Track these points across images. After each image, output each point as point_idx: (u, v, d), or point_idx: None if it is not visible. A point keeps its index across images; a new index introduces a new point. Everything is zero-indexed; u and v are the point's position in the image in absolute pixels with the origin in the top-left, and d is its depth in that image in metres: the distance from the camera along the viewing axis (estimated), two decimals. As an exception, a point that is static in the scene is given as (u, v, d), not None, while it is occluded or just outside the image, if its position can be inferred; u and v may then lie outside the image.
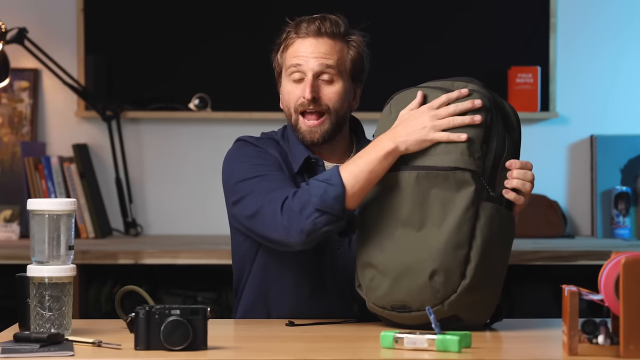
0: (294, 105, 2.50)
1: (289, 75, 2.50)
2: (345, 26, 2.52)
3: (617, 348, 1.92)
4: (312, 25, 2.49)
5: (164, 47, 4.45)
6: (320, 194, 2.28)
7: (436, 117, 2.24)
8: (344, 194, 2.28)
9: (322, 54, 2.48)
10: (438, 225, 2.22)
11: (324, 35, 2.49)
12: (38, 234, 2.19)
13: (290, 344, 2.19)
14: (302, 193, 2.31)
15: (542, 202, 4.32)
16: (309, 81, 2.47)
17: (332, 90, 2.48)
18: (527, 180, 2.26)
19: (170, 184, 4.47)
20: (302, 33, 2.49)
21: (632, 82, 4.47)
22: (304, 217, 2.29)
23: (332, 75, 2.48)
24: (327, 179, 2.29)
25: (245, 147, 2.53)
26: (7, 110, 4.42)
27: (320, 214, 2.28)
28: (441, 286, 2.20)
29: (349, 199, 2.28)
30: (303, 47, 2.49)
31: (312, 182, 2.32)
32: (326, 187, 2.28)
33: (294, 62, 2.49)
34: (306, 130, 2.49)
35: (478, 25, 4.44)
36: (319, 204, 2.28)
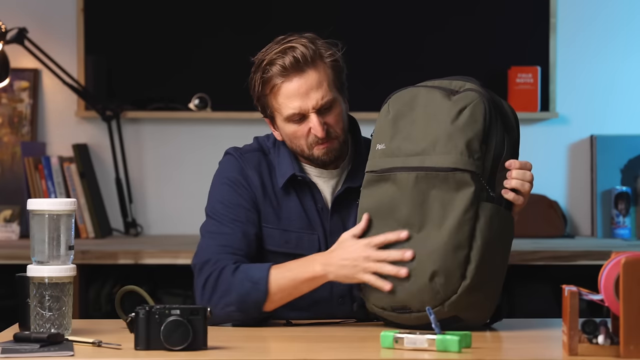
0: (305, 143, 2.44)
1: (288, 119, 2.44)
2: (313, 45, 2.43)
3: (617, 348, 1.92)
4: (287, 60, 2.40)
5: (163, 47, 4.45)
6: (243, 294, 2.33)
7: (369, 258, 2.25)
8: (264, 301, 2.32)
9: (315, 88, 2.40)
10: (438, 226, 2.22)
11: (304, 66, 2.40)
12: (38, 234, 2.19)
13: (290, 344, 2.19)
14: (225, 280, 2.35)
15: (542, 202, 4.32)
16: (315, 120, 2.41)
17: (334, 116, 2.44)
18: (526, 180, 2.26)
19: (170, 184, 4.47)
20: (283, 74, 2.41)
21: (632, 82, 4.47)
22: (220, 308, 2.34)
23: (329, 102, 2.43)
24: (255, 280, 2.32)
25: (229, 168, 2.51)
26: (7, 110, 4.42)
27: (235, 310, 2.34)
28: (441, 287, 2.20)
29: (268, 305, 2.33)
30: (293, 89, 2.41)
31: (239, 273, 2.34)
32: (250, 289, 2.32)
33: (293, 110, 2.41)
34: (322, 153, 2.44)
35: (478, 26, 4.44)
36: (237, 303, 2.33)
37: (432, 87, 2.32)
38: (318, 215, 2.47)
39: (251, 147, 2.55)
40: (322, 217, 2.47)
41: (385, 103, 2.36)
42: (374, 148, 2.34)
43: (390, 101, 2.35)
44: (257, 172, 2.49)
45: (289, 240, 2.45)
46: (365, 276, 2.26)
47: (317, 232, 2.47)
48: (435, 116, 2.26)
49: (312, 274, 2.31)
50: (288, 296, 2.34)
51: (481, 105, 2.24)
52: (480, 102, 2.25)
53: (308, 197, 2.48)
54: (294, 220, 2.46)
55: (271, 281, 2.32)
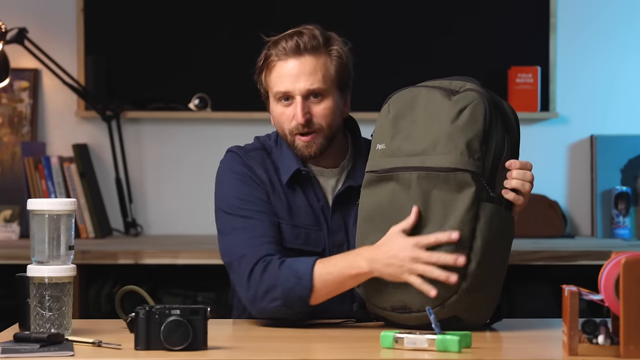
0: (287, 128, 2.46)
1: (277, 100, 2.47)
2: (323, 37, 2.46)
3: (617, 348, 1.92)
4: (289, 42, 2.43)
5: (163, 47, 4.45)
6: (288, 288, 2.31)
7: (417, 260, 2.21)
8: (309, 295, 2.30)
9: (307, 74, 2.42)
10: (439, 226, 2.22)
11: (304, 52, 2.43)
12: (38, 234, 2.19)
13: (290, 344, 2.19)
14: (271, 274, 2.33)
15: (542, 202, 4.32)
16: (299, 104, 2.43)
17: (322, 108, 2.44)
18: (526, 180, 2.26)
19: (170, 184, 4.47)
20: (281, 54, 2.44)
21: (632, 82, 4.47)
22: (267, 301, 2.33)
23: (320, 93, 2.43)
24: (299, 275, 2.30)
25: (236, 163, 2.51)
26: (7, 110, 4.42)
27: (281, 305, 2.32)
28: (441, 287, 2.20)
29: (313, 300, 2.32)
30: (286, 70, 2.43)
31: (285, 267, 2.32)
32: (295, 284, 2.30)
33: (280, 88, 2.44)
34: (303, 145, 2.45)
35: (478, 26, 4.43)
36: (283, 297, 2.31)
37: (433, 87, 2.32)
38: (321, 211, 2.48)
39: (253, 146, 2.56)
40: (325, 214, 2.48)
41: (386, 103, 2.37)
42: (374, 148, 2.34)
43: (391, 101, 2.36)
44: (263, 168, 2.50)
45: (299, 236, 2.45)
46: (410, 277, 2.21)
47: (322, 229, 2.47)
48: (436, 116, 2.26)
49: (357, 271, 2.27)
50: (334, 291, 2.31)
51: (481, 105, 2.25)
52: (480, 102, 2.25)
53: (312, 194, 2.49)
54: (302, 216, 2.47)
55: (315, 277, 2.30)
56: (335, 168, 2.51)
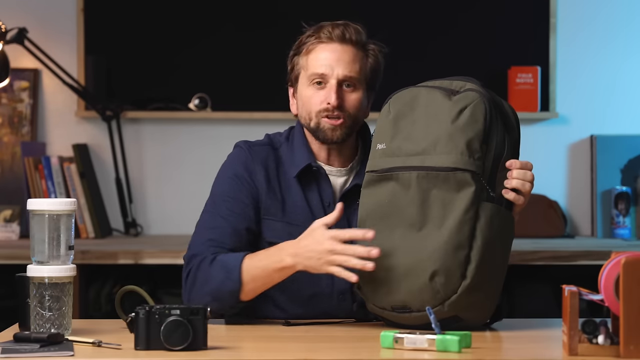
0: (315, 110, 2.47)
1: (310, 81, 2.48)
2: (365, 35, 2.52)
3: (617, 348, 1.92)
4: (336, 30, 2.48)
5: (163, 47, 4.45)
6: (217, 284, 2.35)
7: (334, 252, 2.24)
8: (238, 290, 2.34)
9: (346, 62, 2.46)
10: (438, 226, 2.22)
11: (348, 42, 2.48)
12: (38, 234, 2.19)
13: (290, 344, 2.19)
14: (203, 270, 2.38)
15: (542, 202, 4.32)
16: (333, 88, 2.45)
17: (353, 98, 2.47)
18: (527, 180, 2.26)
19: (170, 184, 4.47)
20: (325, 38, 2.48)
21: (632, 82, 4.47)
22: (199, 297, 2.37)
23: (354, 83, 2.47)
24: (228, 269, 2.35)
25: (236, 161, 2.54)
26: (7, 110, 4.42)
27: (213, 300, 2.35)
28: (442, 287, 2.20)
29: (243, 294, 2.36)
30: (326, 54, 2.47)
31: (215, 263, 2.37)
32: (224, 279, 2.35)
33: (318, 70, 2.46)
34: (329, 127, 2.46)
35: (478, 26, 4.44)
36: (213, 292, 2.36)
37: (433, 87, 2.32)
38: (324, 211, 2.47)
39: (261, 142, 2.58)
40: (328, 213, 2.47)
41: (386, 103, 2.37)
42: (375, 148, 2.34)
43: (391, 101, 2.36)
44: (264, 165, 2.51)
45: (293, 233, 2.45)
46: (330, 268, 2.25)
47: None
48: (436, 116, 2.27)
49: (281, 265, 2.32)
50: (262, 285, 2.35)
51: (481, 105, 2.25)
52: (480, 102, 2.25)
53: (315, 193, 2.49)
54: (298, 214, 2.47)
55: (244, 271, 2.34)
56: (344, 168, 2.52)
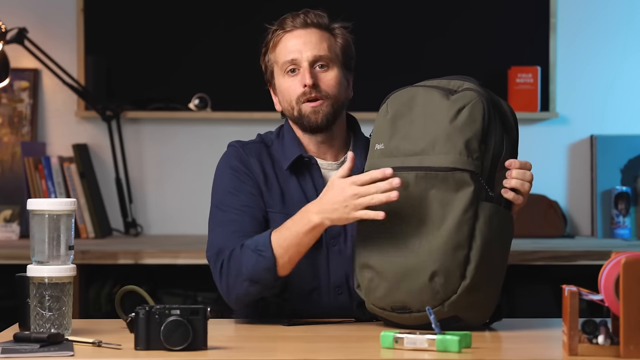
0: (294, 97, 2.50)
1: (284, 71, 2.51)
2: (327, 18, 2.55)
3: (617, 348, 1.92)
4: (297, 19, 2.52)
5: (163, 47, 4.45)
6: (252, 265, 2.34)
7: (358, 195, 2.24)
8: (275, 265, 2.33)
9: (314, 43, 2.50)
10: (437, 226, 2.21)
11: (310, 26, 2.51)
12: (38, 234, 2.19)
13: (290, 344, 2.19)
14: (235, 260, 2.37)
15: (542, 202, 4.32)
16: (306, 69, 2.48)
17: (329, 77, 2.50)
18: (526, 180, 2.26)
19: (170, 184, 4.47)
20: (288, 27, 2.52)
21: (632, 82, 4.47)
22: (238, 286, 2.37)
23: (326, 62, 2.50)
24: (259, 249, 2.34)
25: (232, 158, 2.55)
26: (7, 110, 4.42)
27: (251, 284, 2.35)
28: (441, 287, 2.20)
29: (280, 268, 2.34)
30: (293, 40, 2.51)
31: (245, 249, 2.36)
32: (257, 258, 2.34)
33: (288, 58, 2.50)
34: (310, 111, 2.48)
35: (478, 26, 4.44)
36: (250, 275, 2.35)
37: (431, 86, 2.32)
38: None
39: (253, 140, 2.60)
40: None
41: (384, 103, 2.37)
42: (373, 148, 2.34)
43: (389, 101, 2.36)
44: (258, 160, 2.53)
45: None
46: (357, 213, 2.24)
47: None
48: (434, 116, 2.26)
49: (310, 225, 2.30)
50: (296, 254, 2.33)
51: (480, 105, 2.24)
52: (478, 102, 2.24)
53: (309, 184, 2.50)
54: (296, 205, 2.47)
55: (274, 245, 2.33)
56: (335, 161, 2.53)
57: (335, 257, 2.48)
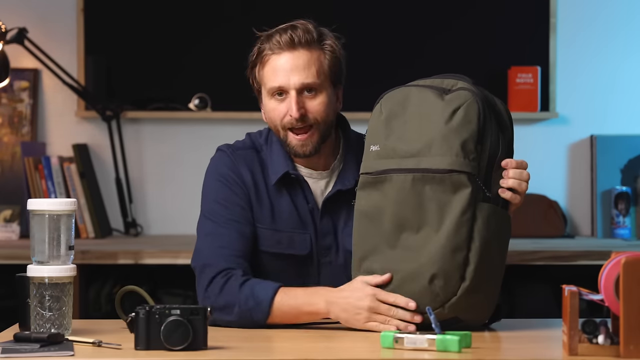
0: (280, 122, 2.44)
1: (270, 94, 2.45)
2: (317, 31, 2.45)
3: (617, 348, 1.92)
4: (283, 36, 2.42)
5: (163, 47, 4.45)
6: (245, 310, 2.32)
7: (376, 310, 2.23)
8: (265, 320, 2.32)
9: (301, 68, 2.41)
10: (436, 229, 2.21)
11: (297, 46, 2.42)
12: (38, 234, 2.19)
13: (290, 344, 2.19)
14: (230, 291, 2.34)
15: (542, 202, 4.32)
16: (293, 99, 2.41)
17: (316, 103, 2.42)
18: (523, 179, 2.25)
19: (170, 184, 4.47)
20: (275, 48, 2.42)
21: (632, 82, 4.47)
22: (222, 315, 2.34)
23: (314, 87, 2.42)
24: (259, 300, 2.31)
25: (222, 165, 2.51)
26: (7, 110, 4.42)
27: (235, 322, 2.34)
28: (441, 290, 2.19)
29: (269, 322, 2.33)
30: (280, 64, 2.42)
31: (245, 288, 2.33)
32: (253, 307, 2.32)
33: (274, 83, 2.42)
34: (297, 144, 2.44)
35: (478, 26, 4.43)
36: (238, 316, 2.33)
37: (424, 86, 2.30)
38: (310, 214, 2.47)
39: (243, 144, 2.55)
40: (314, 217, 2.47)
41: (378, 103, 2.35)
42: (368, 149, 2.33)
43: (382, 101, 2.34)
44: (249, 170, 2.49)
45: (281, 241, 2.45)
46: (367, 325, 2.24)
47: (309, 232, 2.46)
48: (429, 117, 2.25)
49: (314, 308, 2.29)
50: (288, 321, 2.33)
51: (475, 105, 2.23)
52: (473, 102, 2.23)
53: (300, 196, 2.48)
54: (286, 220, 2.46)
55: (275, 305, 2.31)
56: (325, 170, 2.50)
57: (325, 269, 2.47)
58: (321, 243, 2.45)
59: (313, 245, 2.46)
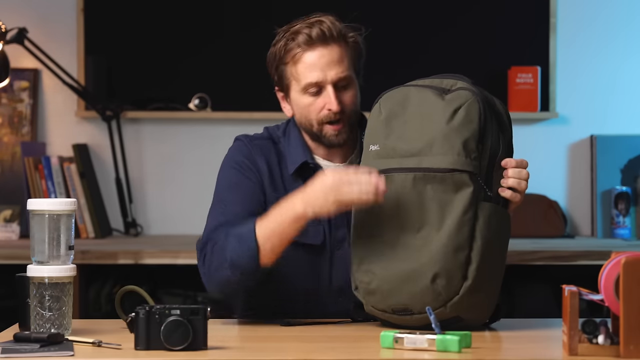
0: (316, 117, 2.46)
1: (305, 90, 2.46)
2: (341, 25, 2.49)
3: (617, 348, 1.92)
4: (314, 31, 2.44)
5: (164, 47, 4.45)
6: (234, 253, 2.32)
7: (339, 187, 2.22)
8: (256, 253, 2.31)
9: (336, 62, 2.44)
10: (437, 228, 2.21)
11: (329, 40, 2.45)
12: (38, 234, 2.19)
13: (290, 344, 2.19)
14: (219, 247, 2.35)
15: (542, 202, 4.32)
16: (332, 93, 2.44)
17: (349, 96, 2.47)
18: (522, 178, 2.26)
19: (170, 184, 4.47)
20: (307, 44, 2.45)
21: (632, 82, 4.47)
22: (220, 272, 2.34)
23: (348, 80, 2.46)
24: (242, 235, 2.32)
25: (238, 153, 2.53)
26: (7, 110, 4.42)
27: (232, 271, 2.33)
28: (443, 289, 2.19)
29: (262, 257, 2.32)
30: (315, 59, 2.44)
31: (229, 236, 2.34)
32: (240, 246, 2.32)
33: (311, 79, 2.44)
34: (333, 134, 2.47)
35: (478, 26, 4.44)
36: (232, 261, 2.32)
37: (423, 86, 2.31)
38: None
39: (261, 136, 2.58)
40: None
41: (376, 103, 2.35)
42: (367, 149, 2.33)
43: (382, 101, 2.34)
44: (266, 159, 2.51)
45: None
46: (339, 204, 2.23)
47: (322, 223, 2.46)
48: (430, 116, 2.25)
49: (293, 214, 2.28)
50: (279, 243, 2.31)
51: (476, 105, 2.24)
52: (474, 102, 2.24)
53: None
54: None
55: (258, 232, 2.31)
56: (342, 163, 2.52)
57: (338, 261, 2.48)
58: (335, 235, 2.46)
59: (326, 236, 2.46)
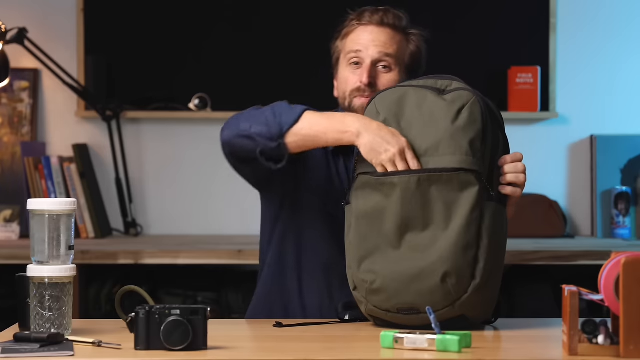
0: (349, 89, 2.53)
1: (347, 61, 2.54)
2: (406, 21, 2.58)
3: (617, 348, 1.92)
4: (375, 15, 2.55)
5: (164, 47, 4.45)
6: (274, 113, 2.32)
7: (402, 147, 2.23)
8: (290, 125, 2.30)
9: (382, 42, 2.53)
10: (443, 227, 2.21)
11: (385, 25, 2.54)
12: (38, 234, 2.19)
13: (290, 344, 2.19)
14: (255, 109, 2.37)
15: (542, 202, 4.32)
16: (366, 67, 2.51)
17: (388, 78, 2.52)
18: (519, 172, 2.27)
19: (170, 184, 4.47)
20: (364, 21, 2.55)
21: (632, 82, 4.47)
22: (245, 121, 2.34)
23: (389, 64, 2.53)
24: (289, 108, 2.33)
25: None
26: (7, 110, 4.42)
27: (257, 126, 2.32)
28: (453, 288, 2.19)
29: (290, 135, 2.30)
30: (364, 35, 2.54)
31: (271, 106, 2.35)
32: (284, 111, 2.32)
33: (353, 49, 2.53)
34: (360, 106, 2.50)
35: (478, 26, 4.44)
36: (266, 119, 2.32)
37: (419, 86, 2.31)
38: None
39: None
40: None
41: (371, 104, 2.34)
42: None
43: (376, 101, 2.33)
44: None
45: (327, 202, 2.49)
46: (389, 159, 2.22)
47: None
48: (433, 116, 2.25)
49: (346, 128, 2.28)
50: (312, 137, 2.31)
51: (478, 105, 2.25)
52: (476, 102, 2.25)
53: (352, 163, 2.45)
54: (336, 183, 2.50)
55: (307, 113, 2.32)
56: None
57: None
58: None
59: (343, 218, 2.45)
